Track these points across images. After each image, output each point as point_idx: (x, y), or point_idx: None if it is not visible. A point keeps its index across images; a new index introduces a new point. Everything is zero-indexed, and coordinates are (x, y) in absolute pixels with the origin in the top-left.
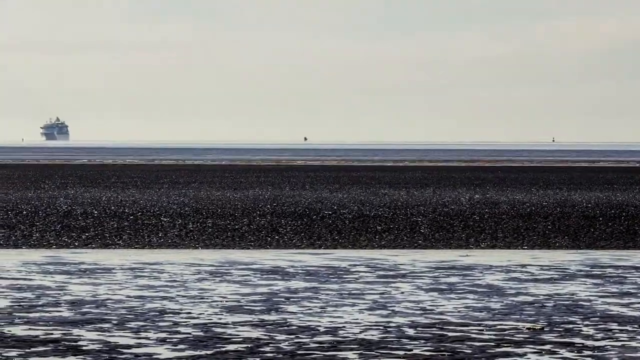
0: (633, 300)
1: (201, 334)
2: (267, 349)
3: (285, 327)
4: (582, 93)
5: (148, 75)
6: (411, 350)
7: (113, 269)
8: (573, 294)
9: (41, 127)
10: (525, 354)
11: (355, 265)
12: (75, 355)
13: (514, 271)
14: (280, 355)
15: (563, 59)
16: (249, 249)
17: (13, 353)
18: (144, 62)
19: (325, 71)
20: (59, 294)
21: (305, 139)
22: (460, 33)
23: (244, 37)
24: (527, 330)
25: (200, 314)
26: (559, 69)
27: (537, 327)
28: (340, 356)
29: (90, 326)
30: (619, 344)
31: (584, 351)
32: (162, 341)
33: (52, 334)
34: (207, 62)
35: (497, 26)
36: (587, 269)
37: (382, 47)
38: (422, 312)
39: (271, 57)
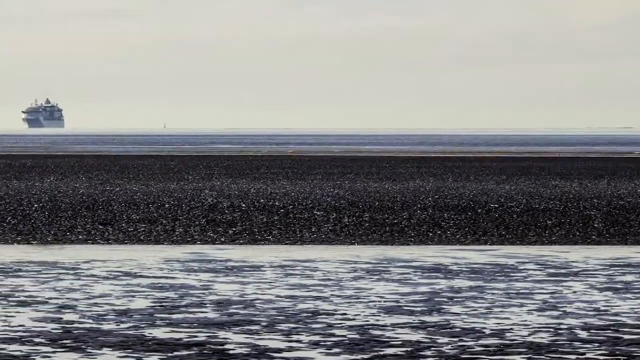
0: None
1: (357, 336)
2: (429, 352)
3: (448, 330)
4: None
5: (153, 52)
6: (584, 354)
7: (262, 266)
8: None
9: (23, 112)
10: None
11: (523, 262)
12: (221, 359)
13: None
14: None
15: None
16: (409, 245)
17: (154, 357)
18: (145, 38)
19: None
20: (203, 293)
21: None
22: None
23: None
24: None
25: (357, 315)
26: None
27: None
28: None
29: (237, 328)
30: None
31: None
32: (315, 344)
33: (196, 336)
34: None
35: None
36: None
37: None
38: (595, 313)
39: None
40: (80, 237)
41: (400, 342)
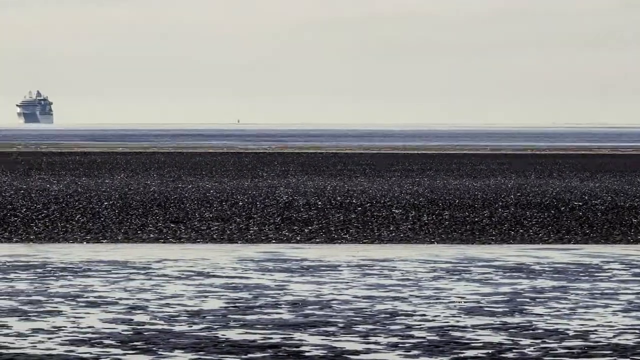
0: None
1: (437, 338)
2: (510, 355)
3: (531, 331)
4: None
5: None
6: None
7: (339, 266)
8: None
9: (18, 105)
10: None
11: (608, 262)
12: None
13: None
14: None
15: None
16: (490, 243)
17: None
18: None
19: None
20: (278, 293)
21: None
22: None
23: None
24: None
25: (436, 316)
26: None
27: None
28: None
29: (313, 329)
30: None
31: None
32: (394, 346)
33: (271, 338)
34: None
35: None
36: None
37: None
38: None
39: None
40: (152, 235)
41: (481, 344)
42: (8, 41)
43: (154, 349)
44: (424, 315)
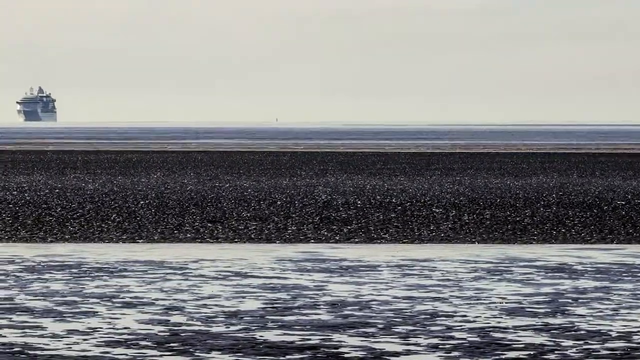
0: None
1: (478, 339)
2: (552, 356)
3: (573, 332)
4: None
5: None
6: None
7: (378, 266)
8: None
9: (18, 102)
10: None
11: None
12: None
13: None
14: None
15: None
16: (531, 243)
17: None
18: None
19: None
20: (317, 294)
21: None
22: None
23: None
24: None
25: (477, 317)
26: None
27: None
28: None
29: (352, 331)
30: None
31: None
32: (434, 348)
33: (309, 339)
34: None
35: None
36: None
37: None
38: None
39: None
40: (188, 235)
41: (522, 345)
42: (8, 38)
43: (191, 350)
44: (465, 316)
